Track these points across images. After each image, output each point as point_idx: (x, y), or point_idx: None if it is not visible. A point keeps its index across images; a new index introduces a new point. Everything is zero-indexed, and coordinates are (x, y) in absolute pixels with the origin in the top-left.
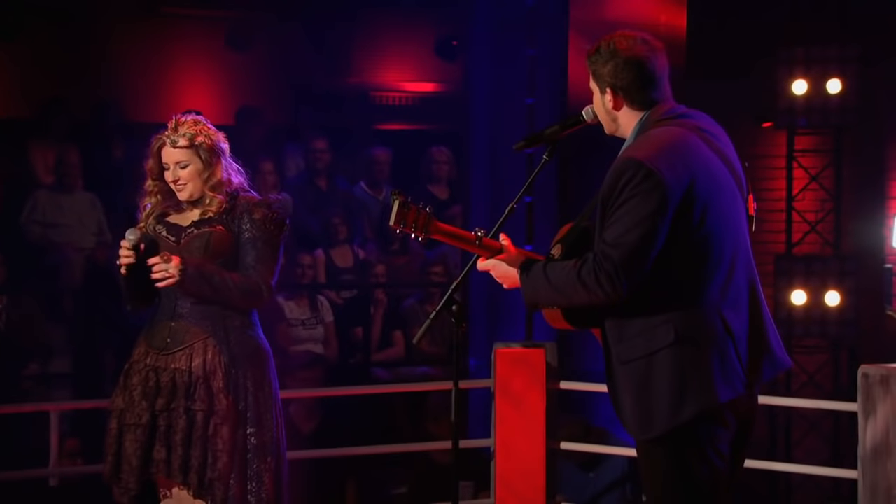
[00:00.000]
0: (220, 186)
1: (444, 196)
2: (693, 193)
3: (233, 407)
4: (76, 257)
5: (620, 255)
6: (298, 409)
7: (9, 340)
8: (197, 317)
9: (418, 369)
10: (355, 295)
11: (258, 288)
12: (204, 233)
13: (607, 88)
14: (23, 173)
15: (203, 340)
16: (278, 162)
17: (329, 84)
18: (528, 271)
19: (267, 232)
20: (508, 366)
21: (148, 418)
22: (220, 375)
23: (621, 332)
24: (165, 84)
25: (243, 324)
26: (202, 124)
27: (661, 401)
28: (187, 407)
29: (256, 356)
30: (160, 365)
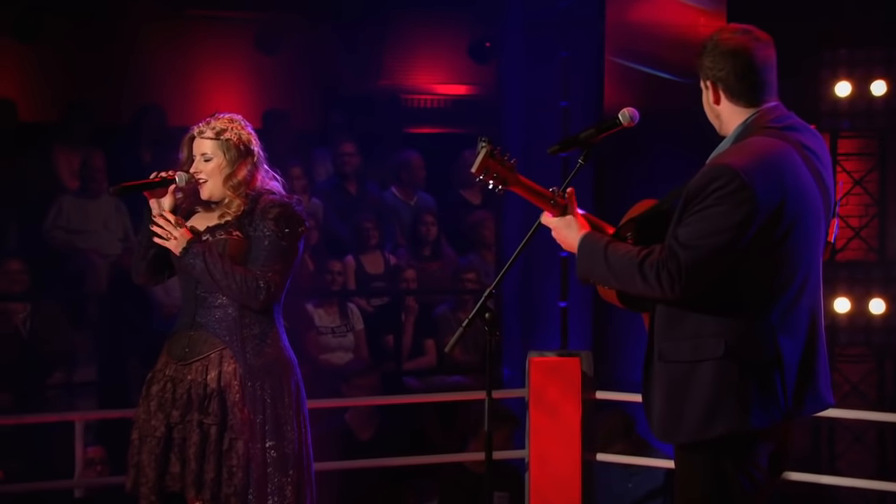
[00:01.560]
0: (240, 187)
1: (477, 201)
2: (780, 214)
3: (249, 421)
4: (101, 263)
5: (688, 257)
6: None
7: (33, 348)
8: (215, 326)
9: (450, 378)
10: (386, 302)
11: (256, 286)
12: (220, 240)
13: (707, 81)
14: (47, 178)
15: (219, 351)
16: (307, 166)
17: (359, 87)
18: (588, 244)
19: (278, 231)
20: (543, 375)
21: (163, 430)
22: (236, 388)
23: (670, 330)
24: (192, 87)
25: (262, 332)
26: (236, 122)
27: (693, 411)
28: (201, 420)
29: (275, 366)
30: (178, 375)
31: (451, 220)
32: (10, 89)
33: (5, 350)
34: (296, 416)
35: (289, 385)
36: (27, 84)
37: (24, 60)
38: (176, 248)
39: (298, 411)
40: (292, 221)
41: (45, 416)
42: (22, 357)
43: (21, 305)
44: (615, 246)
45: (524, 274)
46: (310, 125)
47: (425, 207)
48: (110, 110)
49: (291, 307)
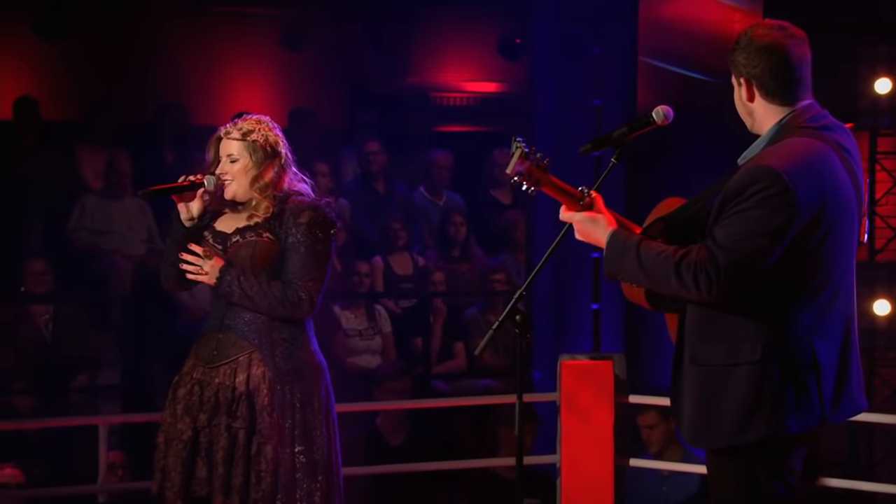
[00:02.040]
0: (267, 189)
1: (507, 201)
2: (820, 217)
3: (278, 425)
4: (125, 265)
5: (727, 259)
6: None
7: (56, 351)
8: (244, 329)
9: (480, 382)
10: (414, 304)
11: (298, 298)
12: (250, 242)
13: (741, 78)
14: (71, 177)
15: (248, 354)
16: (334, 166)
17: (387, 85)
18: (619, 241)
19: (312, 236)
20: (575, 378)
21: (190, 434)
22: (265, 392)
23: (703, 333)
24: (216, 85)
25: (292, 336)
26: (264, 124)
27: (728, 416)
28: (228, 424)
29: (305, 370)
30: (205, 379)
31: (481, 221)
32: (34, 88)
33: (28, 352)
34: (325, 420)
35: (318, 389)
36: (50, 82)
37: (48, 58)
38: (210, 280)
39: (328, 416)
40: (325, 225)
41: (69, 419)
42: (45, 359)
43: (44, 307)
44: (648, 244)
45: (556, 275)
46: (336, 123)
47: (454, 207)
48: (134, 109)
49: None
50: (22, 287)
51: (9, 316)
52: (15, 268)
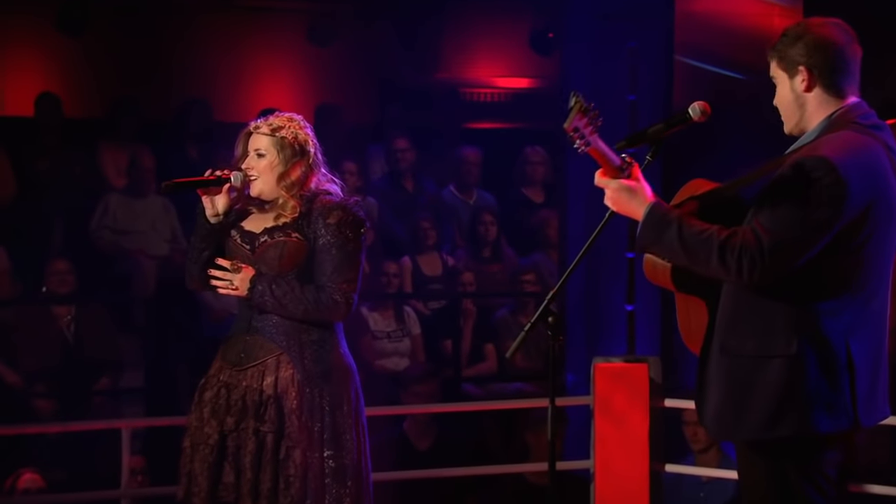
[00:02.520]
0: (293, 188)
1: (539, 199)
2: (867, 215)
3: (306, 429)
4: (149, 265)
5: (772, 244)
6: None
7: (78, 353)
8: (272, 331)
9: (511, 385)
10: (444, 305)
11: (333, 301)
12: (279, 242)
13: (800, 67)
14: (93, 176)
15: (276, 357)
16: (361, 163)
17: (416, 80)
18: (658, 214)
19: (342, 237)
20: (609, 382)
21: (217, 438)
22: (293, 395)
23: (737, 323)
24: (241, 81)
25: (322, 338)
26: (295, 122)
27: (757, 409)
28: (256, 428)
29: (334, 373)
30: (232, 381)
31: (512, 220)
32: (55, 84)
33: (49, 354)
34: (355, 424)
35: (348, 393)
36: (72, 79)
37: (70, 54)
38: (242, 293)
39: (357, 420)
40: (354, 224)
41: (90, 423)
42: (66, 362)
43: (66, 308)
44: (690, 220)
45: (589, 275)
46: (364, 120)
47: (485, 206)
48: (158, 106)
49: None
50: (44, 287)
51: (30, 317)
52: (36, 268)
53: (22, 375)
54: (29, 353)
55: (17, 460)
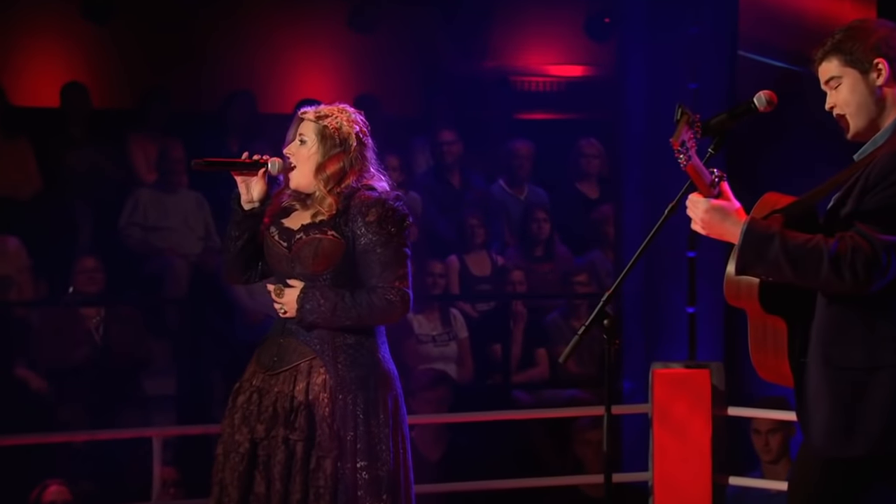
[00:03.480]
0: (329, 182)
1: (594, 195)
2: None
3: (338, 437)
4: (181, 264)
5: (885, 243)
6: (423, 435)
7: (106, 357)
8: (305, 334)
9: (564, 392)
10: (493, 307)
11: (388, 302)
12: (314, 239)
13: (878, 59)
14: (122, 170)
15: (309, 361)
16: (405, 157)
17: (463, 68)
18: (758, 231)
19: (385, 233)
20: (668, 389)
21: (247, 447)
22: (325, 402)
23: (837, 335)
24: (278, 70)
25: (358, 342)
26: (345, 113)
27: (874, 420)
28: (286, 436)
29: (370, 379)
30: (265, 386)
31: (566, 216)
32: (82, 73)
33: (77, 359)
34: (392, 434)
35: (385, 400)
36: (100, 68)
37: (97, 42)
38: (292, 314)
39: (396, 429)
40: (396, 219)
41: (120, 431)
42: (94, 366)
43: (94, 310)
44: (791, 232)
45: (647, 276)
46: (408, 111)
47: (537, 202)
48: (190, 96)
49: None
50: (70, 287)
51: (56, 318)
52: (62, 267)
53: (47, 381)
54: (55, 356)
55: (42, 471)
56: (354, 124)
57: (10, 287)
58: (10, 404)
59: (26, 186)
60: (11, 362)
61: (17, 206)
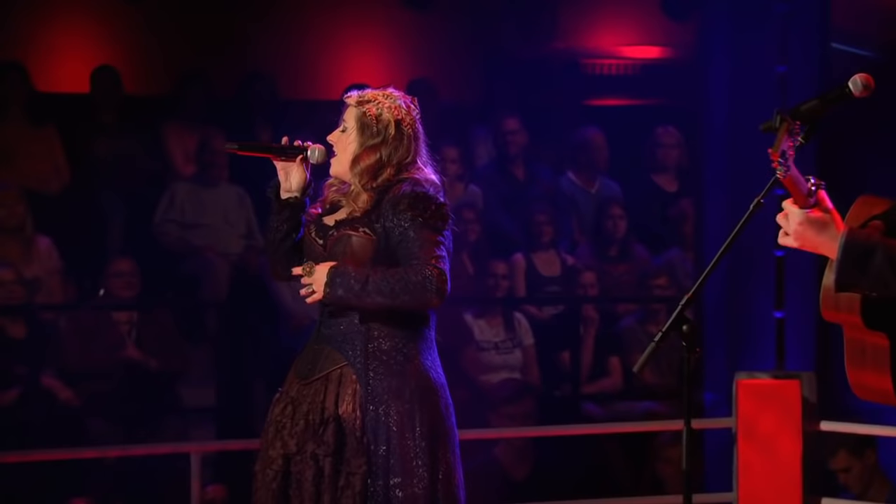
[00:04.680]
0: (363, 176)
1: (672, 188)
2: None
3: (368, 452)
4: (221, 264)
5: None
6: (506, 452)
7: (140, 365)
8: (339, 339)
9: (639, 405)
10: (562, 311)
11: (422, 277)
12: (343, 236)
13: None
14: (157, 161)
15: (340, 369)
16: (464, 148)
17: (528, 50)
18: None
19: (418, 217)
20: (754, 401)
21: (281, 463)
22: (356, 414)
23: None
24: (324, 52)
25: (394, 347)
26: (390, 99)
27: None
28: (313, 452)
29: (406, 389)
30: (298, 397)
31: (641, 212)
32: (114, 57)
33: (108, 367)
34: (430, 449)
35: (423, 412)
36: (133, 51)
37: (129, 22)
38: (320, 295)
39: (436, 443)
40: (427, 203)
41: (155, 446)
42: (127, 375)
43: (127, 314)
44: (893, 242)
45: (731, 277)
46: (467, 97)
47: (609, 196)
48: (230, 81)
49: (445, 318)
50: (101, 290)
51: (86, 324)
52: (93, 267)
53: (76, 390)
54: (84, 364)
55: (70, 488)
56: (398, 111)
57: (38, 290)
58: (37, 416)
59: (53, 179)
60: (38, 371)
61: (44, 201)
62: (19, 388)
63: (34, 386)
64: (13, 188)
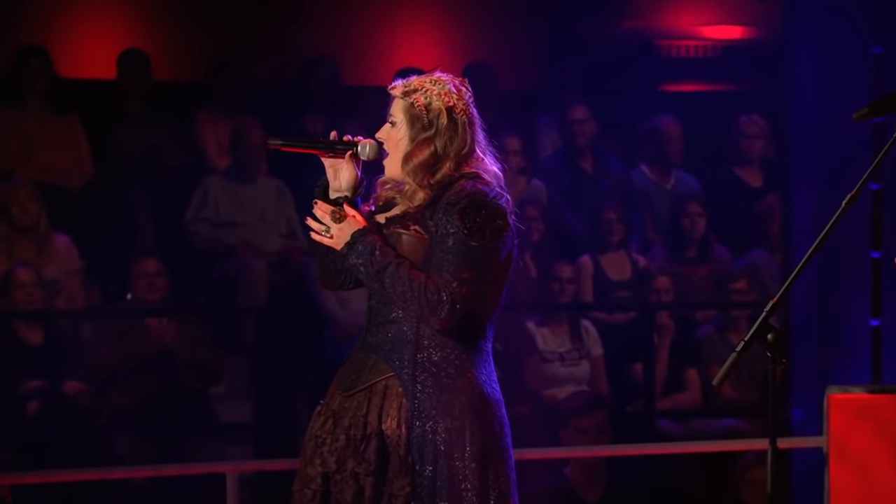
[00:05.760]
0: (417, 174)
1: (757, 183)
2: None
3: (412, 473)
4: (259, 266)
5: None
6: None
7: (170, 377)
8: (385, 348)
9: (720, 422)
10: (633, 318)
11: (436, 298)
12: (394, 234)
13: None
14: (189, 154)
15: (385, 380)
16: (527, 138)
17: (597, 31)
18: None
19: (465, 227)
20: (847, 418)
21: (320, 482)
22: (400, 430)
23: None
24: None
25: (446, 359)
26: (440, 85)
27: None
28: (354, 470)
29: (455, 404)
30: (340, 410)
31: (723, 209)
32: (142, 39)
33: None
34: (481, 471)
35: (474, 430)
36: (163, 33)
37: (160, 3)
38: (338, 245)
39: (490, 465)
40: (484, 213)
41: (187, 466)
42: (157, 388)
43: (156, 321)
44: None
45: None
46: (529, 83)
47: (687, 192)
48: (269, 66)
49: (505, 325)
50: (128, 293)
51: (111, 330)
52: (119, 269)
53: (101, 405)
54: (110, 376)
55: None
56: (448, 97)
57: (58, 293)
58: (59, 432)
59: (76, 173)
60: (59, 383)
61: (66, 196)
62: (38, 401)
63: (54, 398)
64: (26, 185)
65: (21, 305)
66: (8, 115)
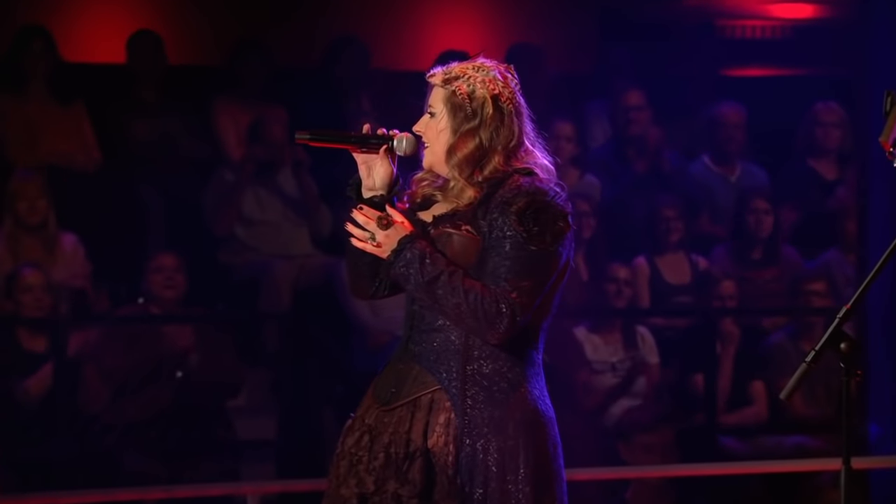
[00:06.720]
0: (463, 168)
1: (832, 175)
2: None
3: (461, 495)
4: (283, 269)
5: None
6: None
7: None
8: (431, 358)
9: (789, 439)
10: (693, 325)
11: (496, 309)
12: (443, 234)
13: None
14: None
15: (431, 394)
16: (577, 126)
17: (653, 10)
18: None
19: (524, 230)
20: None
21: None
22: (448, 448)
23: None
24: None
25: (497, 371)
26: (483, 71)
27: None
28: (396, 492)
29: (510, 422)
30: (378, 425)
31: (794, 206)
32: (155, 21)
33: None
34: (535, 495)
35: (528, 450)
36: (178, 14)
37: None
38: (384, 253)
39: (544, 489)
40: (545, 215)
41: (204, 486)
42: (172, 402)
43: (171, 328)
44: None
45: None
46: (579, 67)
47: (754, 186)
48: (293, 51)
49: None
50: (140, 298)
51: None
52: (129, 269)
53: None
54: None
55: None
56: (493, 85)
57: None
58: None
59: (82, 164)
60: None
61: (71, 191)
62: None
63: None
64: (35, 179)
65: (27, 310)
66: (9, 102)
